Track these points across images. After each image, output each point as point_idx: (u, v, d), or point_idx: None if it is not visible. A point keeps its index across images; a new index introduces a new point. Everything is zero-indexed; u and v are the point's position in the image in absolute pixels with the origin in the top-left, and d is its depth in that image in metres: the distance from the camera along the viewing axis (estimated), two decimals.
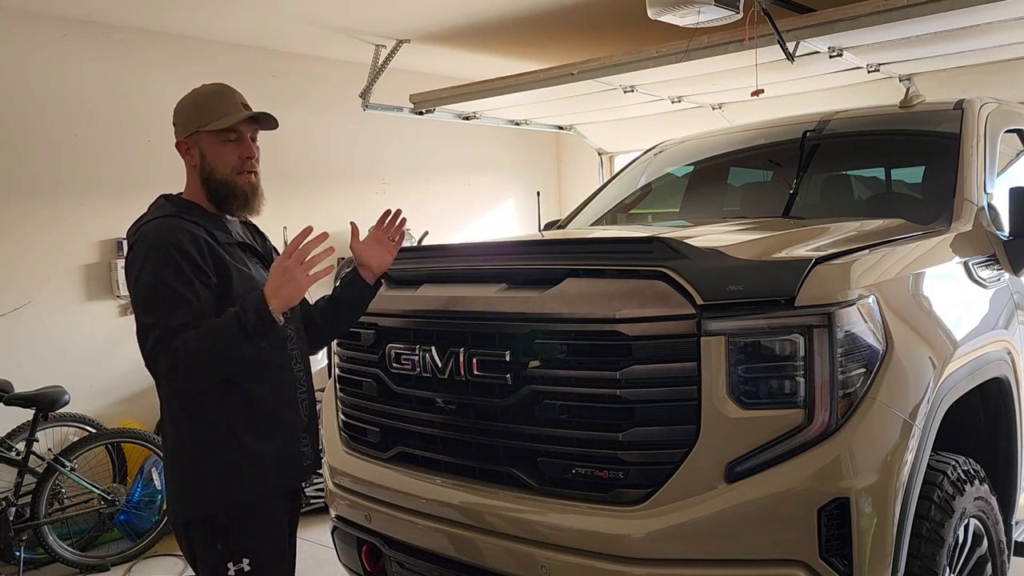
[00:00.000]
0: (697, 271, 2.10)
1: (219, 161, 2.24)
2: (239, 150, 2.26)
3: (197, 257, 2.08)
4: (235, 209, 2.27)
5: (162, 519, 4.55)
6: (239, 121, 2.25)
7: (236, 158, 2.25)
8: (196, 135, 2.25)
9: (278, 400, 2.24)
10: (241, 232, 2.34)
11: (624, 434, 2.12)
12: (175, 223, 2.14)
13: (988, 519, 2.41)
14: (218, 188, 2.24)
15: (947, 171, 3.02)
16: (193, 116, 2.27)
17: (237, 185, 2.25)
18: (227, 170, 2.24)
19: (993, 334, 2.60)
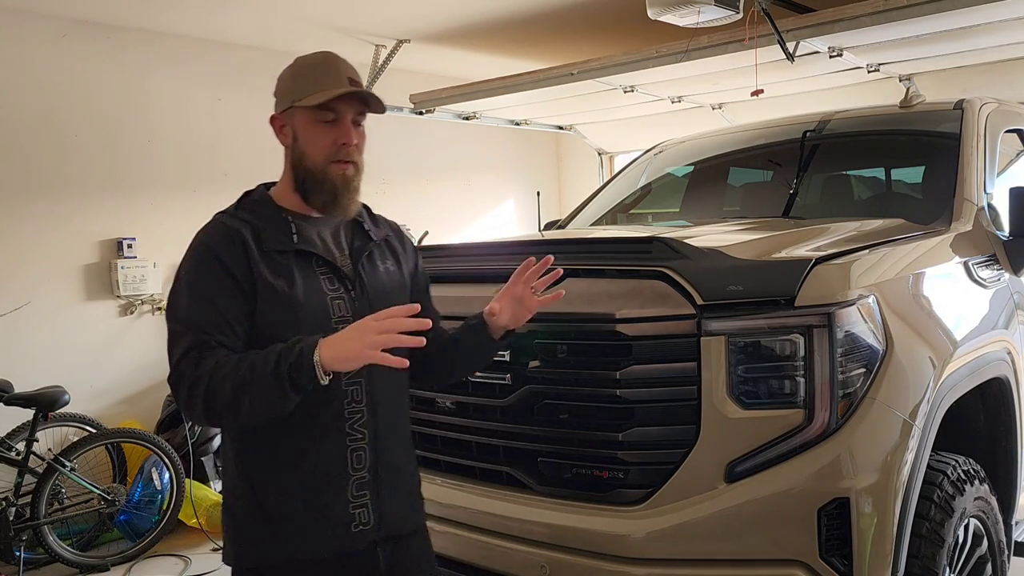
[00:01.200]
0: (697, 271, 2.10)
1: (311, 145, 1.84)
2: (334, 133, 1.84)
3: (228, 260, 1.75)
4: (321, 205, 1.86)
5: (162, 519, 4.55)
6: (337, 98, 1.81)
7: (330, 143, 1.83)
8: (291, 111, 1.87)
9: (314, 447, 1.80)
10: (327, 237, 1.89)
11: (624, 434, 2.12)
12: (219, 220, 1.85)
13: (988, 519, 2.41)
14: (306, 177, 1.85)
15: (947, 171, 3.02)
16: (290, 88, 1.88)
17: (327, 176, 1.83)
18: (320, 157, 1.84)
19: (993, 334, 2.60)
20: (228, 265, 1.75)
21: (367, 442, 1.83)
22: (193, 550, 4.59)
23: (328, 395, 1.74)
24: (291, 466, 1.78)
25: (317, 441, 1.78)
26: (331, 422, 1.79)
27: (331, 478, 1.80)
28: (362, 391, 1.83)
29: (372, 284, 1.87)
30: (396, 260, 1.99)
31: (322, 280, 1.82)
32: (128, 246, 5.08)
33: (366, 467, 1.83)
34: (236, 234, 1.79)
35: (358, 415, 1.82)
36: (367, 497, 1.83)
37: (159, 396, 5.21)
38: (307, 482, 1.78)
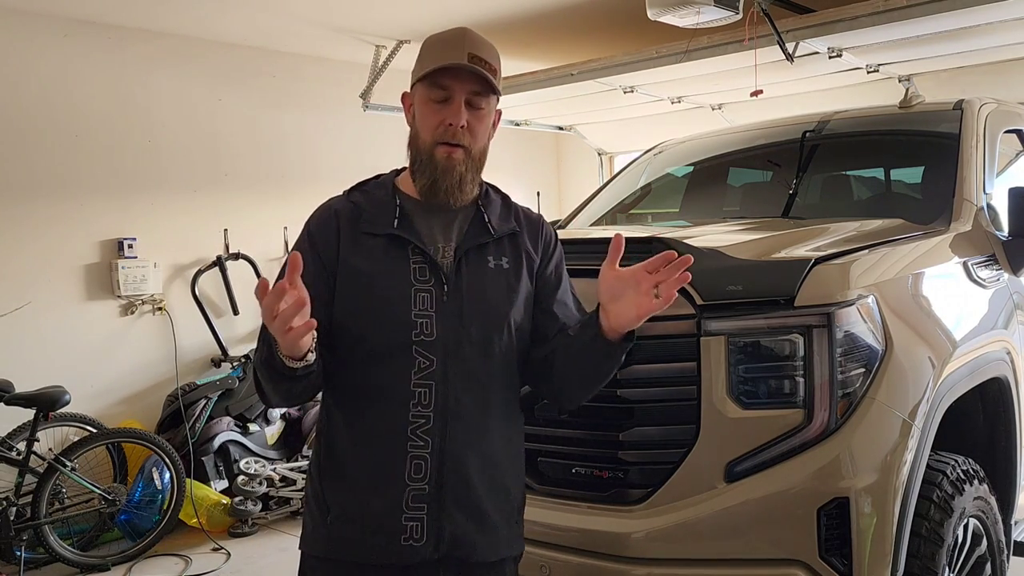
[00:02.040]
0: (697, 271, 2.09)
1: (423, 123, 1.73)
2: (444, 112, 1.69)
3: (319, 239, 1.72)
4: (420, 190, 1.74)
5: (162, 519, 4.56)
6: (447, 73, 1.67)
7: (438, 122, 1.70)
8: (414, 88, 1.76)
9: (370, 447, 1.69)
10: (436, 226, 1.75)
11: (624, 434, 2.13)
12: (331, 203, 1.81)
13: (987, 519, 2.41)
14: (415, 158, 1.75)
15: (946, 171, 3.02)
16: (418, 65, 1.75)
17: (432, 158, 1.71)
18: (427, 137, 1.71)
19: (992, 334, 2.60)
20: (317, 244, 1.72)
21: (430, 451, 1.66)
22: (193, 550, 4.59)
23: (392, 394, 1.66)
24: (346, 461, 1.71)
25: (374, 442, 1.68)
26: (392, 424, 1.66)
27: (385, 483, 1.67)
28: (431, 394, 1.66)
29: (471, 281, 1.72)
30: (516, 258, 1.79)
31: (413, 269, 1.69)
32: (129, 246, 5.08)
33: (426, 478, 1.66)
34: (333, 214, 1.76)
35: (422, 420, 1.66)
36: (423, 511, 1.66)
37: (159, 396, 5.21)
38: (360, 481, 1.69)
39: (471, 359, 1.69)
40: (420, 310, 1.66)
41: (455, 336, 1.68)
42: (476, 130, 1.72)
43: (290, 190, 5.84)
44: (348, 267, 1.69)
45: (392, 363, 1.66)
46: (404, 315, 1.66)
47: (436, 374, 1.66)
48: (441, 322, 1.67)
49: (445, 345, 1.67)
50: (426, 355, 1.66)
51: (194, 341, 5.42)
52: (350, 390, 1.71)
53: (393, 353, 1.66)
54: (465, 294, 1.70)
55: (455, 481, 1.68)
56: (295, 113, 5.88)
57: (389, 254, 1.70)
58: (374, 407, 1.67)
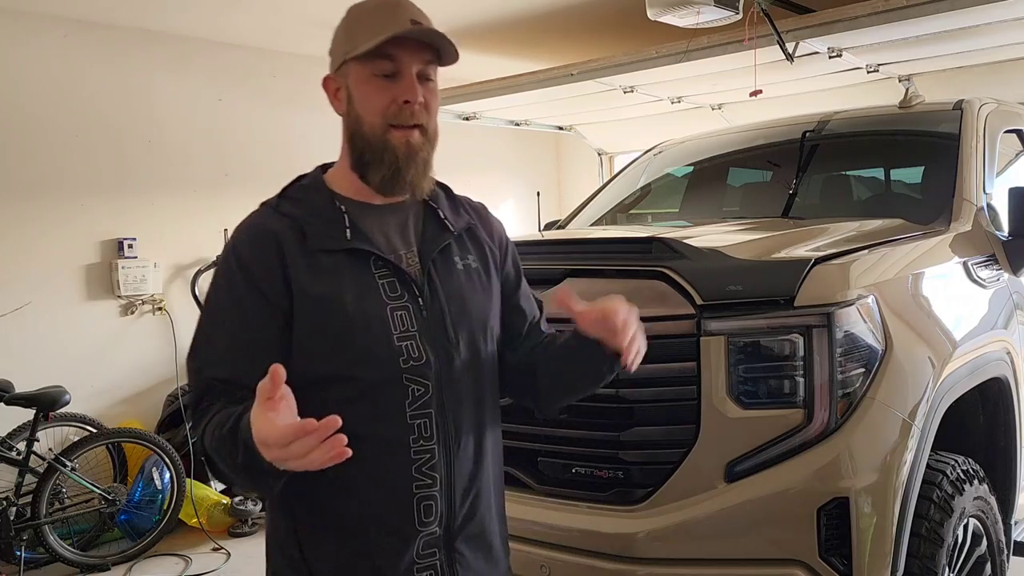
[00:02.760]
0: (697, 271, 2.10)
1: (366, 105, 1.45)
2: (394, 89, 1.44)
3: (254, 266, 1.40)
4: (380, 184, 1.47)
5: (163, 519, 4.56)
6: (394, 43, 1.41)
7: (389, 101, 1.44)
8: (344, 68, 1.48)
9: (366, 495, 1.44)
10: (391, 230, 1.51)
11: (624, 434, 2.13)
12: (254, 217, 1.48)
13: (987, 519, 2.42)
14: (364, 149, 1.46)
15: (946, 171, 3.02)
16: (342, 41, 1.50)
17: (387, 144, 1.44)
18: (377, 120, 1.44)
19: (992, 334, 2.60)
20: (257, 277, 1.39)
21: (439, 488, 1.45)
22: (194, 550, 4.59)
23: (387, 432, 1.41)
24: (335, 520, 1.44)
25: (373, 490, 1.43)
26: (392, 466, 1.43)
27: (392, 535, 1.44)
28: (431, 425, 1.44)
29: (447, 289, 1.49)
30: (481, 254, 1.59)
31: (381, 286, 1.44)
32: (129, 246, 5.08)
33: (436, 520, 1.46)
34: (269, 236, 1.42)
35: (427, 456, 1.44)
36: (436, 557, 1.47)
37: (160, 396, 5.21)
38: (358, 540, 1.44)
39: (463, 376, 1.49)
40: (402, 332, 1.43)
41: (445, 354, 1.46)
42: (432, 107, 1.48)
43: None
44: (307, 297, 1.39)
45: (381, 398, 1.41)
46: (386, 341, 1.41)
47: (432, 401, 1.44)
48: (427, 341, 1.44)
49: (437, 366, 1.45)
50: (419, 381, 1.43)
51: None
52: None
53: (381, 387, 1.41)
54: (445, 304, 1.48)
55: (465, 516, 1.50)
56: (295, 113, 5.88)
57: (353, 272, 1.42)
58: (367, 451, 1.35)
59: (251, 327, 1.39)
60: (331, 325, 1.40)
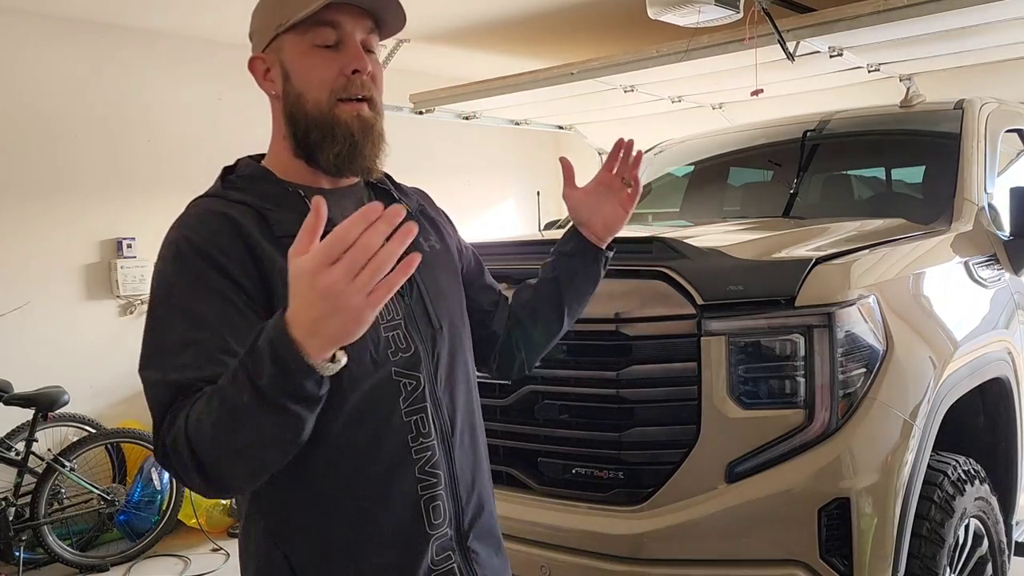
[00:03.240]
0: (697, 271, 2.10)
1: (309, 79, 1.31)
2: (339, 60, 1.31)
3: (220, 257, 1.22)
4: (335, 163, 1.33)
5: (162, 519, 4.55)
6: (331, 8, 1.28)
7: (336, 72, 1.31)
8: (276, 43, 1.33)
9: (367, 505, 1.30)
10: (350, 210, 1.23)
11: (624, 434, 2.12)
12: (208, 206, 1.32)
13: (988, 519, 2.41)
14: (309, 128, 1.32)
15: (947, 171, 3.02)
16: (270, 13, 1.33)
17: (338, 120, 1.31)
18: (323, 94, 1.31)
19: (993, 334, 2.60)
20: (222, 264, 1.22)
21: (443, 487, 1.35)
22: (193, 550, 4.59)
23: (384, 434, 1.29)
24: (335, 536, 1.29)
25: (381, 500, 1.29)
26: (394, 469, 1.30)
27: (404, 544, 1.31)
28: (427, 420, 1.33)
29: (421, 272, 1.30)
30: (439, 234, 1.50)
31: None
32: (128, 246, 5.08)
33: (446, 520, 1.35)
34: (226, 220, 1.26)
35: (428, 454, 1.33)
36: (452, 560, 1.36)
37: None
38: (364, 556, 1.30)
39: (449, 363, 1.39)
40: (388, 322, 1.30)
41: (432, 342, 1.35)
42: (378, 78, 1.37)
43: None
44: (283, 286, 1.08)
45: (373, 397, 1.27)
46: (374, 333, 1.27)
47: (425, 394, 1.33)
48: (412, 329, 1.33)
49: (425, 356, 1.34)
50: (409, 375, 1.31)
51: None
52: (320, 448, 1.22)
53: (373, 384, 1.27)
54: (423, 288, 1.37)
55: (473, 512, 1.40)
56: None
57: None
58: (363, 457, 1.27)
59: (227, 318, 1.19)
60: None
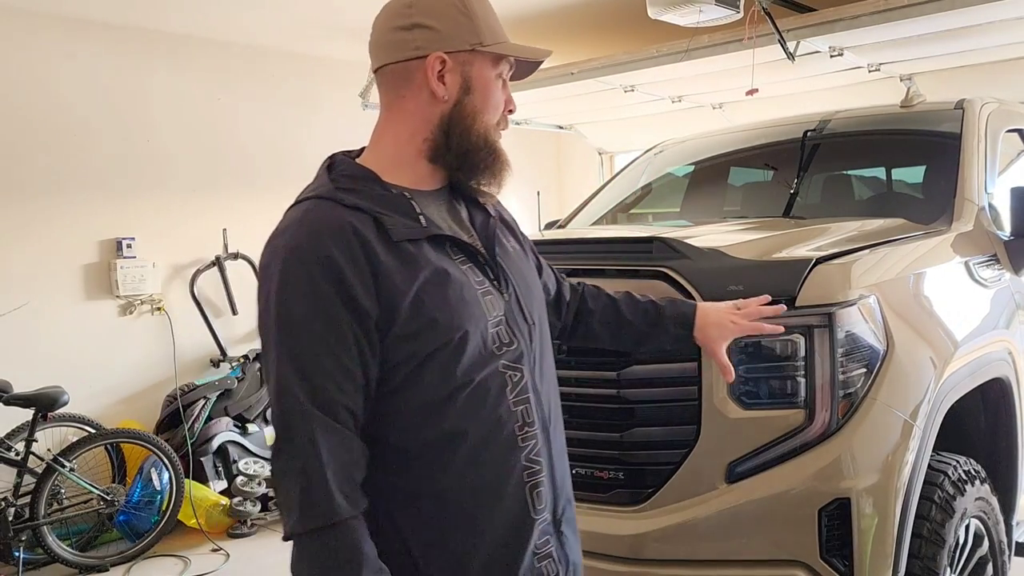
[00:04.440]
0: (697, 271, 2.10)
1: (489, 103, 1.41)
2: (504, 94, 1.45)
3: (349, 272, 1.25)
4: (481, 183, 1.44)
5: (161, 519, 4.55)
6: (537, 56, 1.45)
7: (502, 106, 1.45)
8: (470, 55, 1.39)
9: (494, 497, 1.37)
10: (446, 215, 1.43)
11: (624, 434, 2.12)
12: (329, 215, 1.31)
13: (989, 519, 2.41)
14: (473, 145, 1.40)
15: (948, 171, 3.01)
16: (467, 24, 1.39)
17: (495, 147, 1.43)
18: (492, 119, 1.43)
19: (994, 334, 2.59)
20: (348, 283, 1.25)
21: (544, 473, 1.42)
22: (192, 550, 4.58)
23: (496, 423, 1.36)
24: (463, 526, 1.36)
25: (493, 487, 1.36)
26: (506, 457, 1.37)
27: (516, 528, 1.38)
28: (531, 410, 1.40)
29: (511, 269, 1.46)
30: (515, 236, 1.58)
31: (465, 272, 1.37)
32: (127, 246, 5.08)
33: (546, 505, 1.42)
34: (349, 231, 1.28)
35: (533, 442, 1.40)
36: (550, 545, 1.42)
37: (158, 396, 5.20)
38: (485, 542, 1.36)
39: (541, 357, 1.47)
40: (494, 317, 1.38)
41: (528, 336, 1.43)
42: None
43: (290, 190, 5.74)
44: (401, 293, 1.27)
45: (484, 390, 1.34)
46: (484, 329, 1.35)
47: (528, 386, 1.40)
48: (512, 324, 1.40)
49: (524, 349, 1.41)
50: (514, 367, 1.38)
51: (193, 341, 5.41)
52: (435, 439, 1.33)
53: (483, 377, 1.34)
54: (515, 285, 1.45)
55: (565, 499, 1.48)
56: (295, 113, 5.87)
57: (438, 261, 1.33)
58: (476, 447, 1.34)
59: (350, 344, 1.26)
60: (433, 321, 1.29)
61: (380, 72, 1.44)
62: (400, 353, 1.29)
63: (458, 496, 1.35)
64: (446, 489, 1.34)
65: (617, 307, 1.81)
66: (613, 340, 1.83)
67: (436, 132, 1.39)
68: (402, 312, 1.27)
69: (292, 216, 1.35)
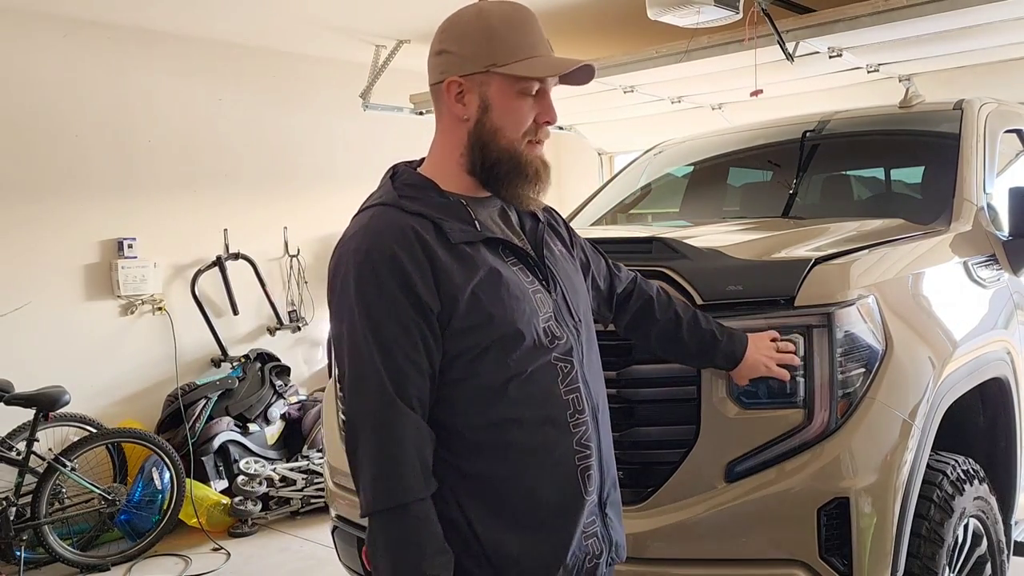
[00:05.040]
0: (697, 271, 2.10)
1: (509, 120, 1.49)
2: (536, 108, 1.52)
3: (414, 273, 1.39)
4: (514, 193, 1.53)
5: (162, 519, 4.56)
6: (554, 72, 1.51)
7: (530, 119, 1.52)
8: (485, 75, 1.48)
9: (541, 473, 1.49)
10: (499, 221, 1.56)
11: (624, 434, 2.12)
12: (387, 215, 1.45)
13: (988, 519, 2.41)
14: (498, 159, 1.50)
15: (947, 171, 3.02)
16: (484, 47, 1.48)
17: (526, 158, 1.51)
18: (516, 134, 1.50)
19: (993, 334, 2.60)
20: (413, 283, 1.38)
21: (594, 458, 1.54)
22: (193, 550, 4.59)
23: (551, 410, 1.48)
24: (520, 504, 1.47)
25: (548, 469, 1.49)
26: (560, 441, 1.49)
27: (567, 509, 1.50)
28: (581, 399, 1.53)
29: (559, 271, 1.59)
30: (562, 241, 1.70)
31: (516, 272, 1.50)
32: (128, 246, 5.08)
33: (596, 488, 1.55)
34: (412, 235, 1.41)
35: (584, 428, 1.53)
36: (596, 525, 1.56)
37: (159, 396, 5.21)
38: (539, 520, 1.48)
39: (588, 351, 1.59)
40: (545, 315, 1.50)
41: (575, 332, 1.55)
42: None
43: (290, 190, 5.85)
44: (461, 292, 1.40)
45: (538, 380, 1.47)
46: (536, 324, 1.48)
47: (578, 376, 1.53)
48: (560, 320, 1.52)
49: (573, 343, 1.53)
50: (564, 359, 1.51)
51: (194, 341, 5.42)
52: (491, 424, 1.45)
53: (535, 368, 1.47)
54: (562, 284, 1.57)
55: (611, 482, 1.61)
56: (295, 113, 5.88)
57: (492, 262, 1.46)
58: (533, 433, 1.47)
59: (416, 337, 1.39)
60: (489, 316, 1.42)
61: (430, 91, 1.57)
62: (459, 345, 1.43)
63: (515, 477, 1.46)
64: (504, 470, 1.46)
65: (679, 325, 1.92)
66: (660, 349, 1.97)
67: (468, 148, 1.52)
68: (460, 307, 1.41)
69: (359, 222, 1.47)
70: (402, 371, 1.38)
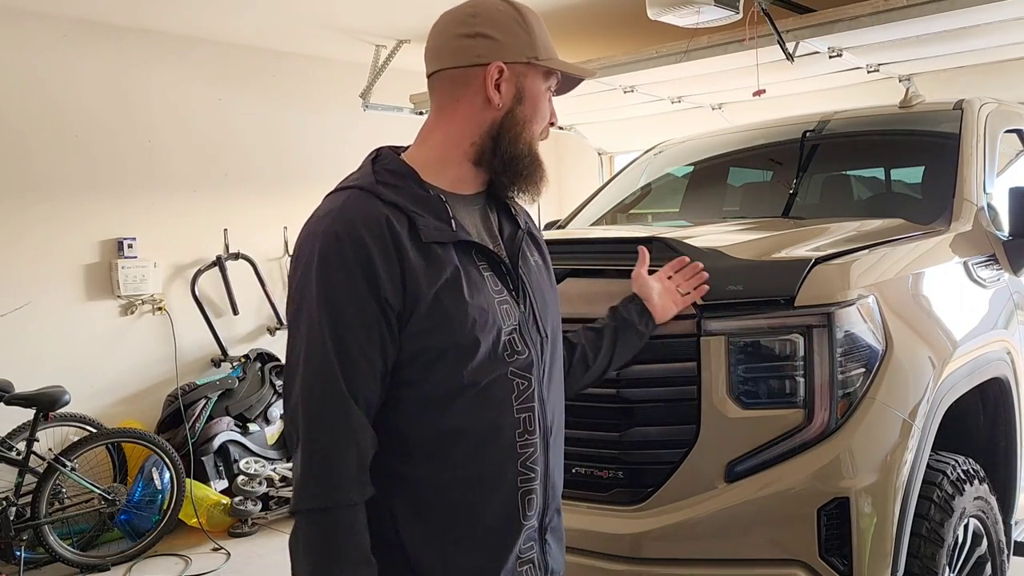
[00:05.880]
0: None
1: (537, 114, 1.49)
2: (550, 108, 1.55)
3: (380, 265, 1.31)
4: (517, 188, 1.50)
5: (162, 519, 4.56)
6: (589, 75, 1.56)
7: (549, 116, 1.55)
8: (526, 67, 1.46)
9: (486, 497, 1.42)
10: (478, 221, 1.49)
11: (624, 434, 2.13)
12: (359, 199, 1.37)
13: (988, 519, 2.41)
14: (519, 152, 1.46)
15: (947, 171, 3.02)
16: (525, 38, 1.46)
17: (538, 158, 1.50)
18: (538, 129, 1.51)
19: (993, 334, 2.60)
20: (377, 274, 1.31)
21: (539, 481, 1.46)
22: (193, 550, 4.59)
23: (497, 427, 1.41)
24: (452, 519, 1.40)
25: (487, 486, 1.41)
26: (503, 460, 1.42)
27: (503, 531, 1.43)
28: (534, 419, 1.45)
29: (531, 282, 1.51)
30: (540, 252, 1.62)
31: (486, 279, 1.43)
32: (128, 246, 5.08)
33: (536, 513, 1.47)
34: (383, 225, 1.33)
35: (530, 450, 1.44)
36: (533, 551, 1.48)
37: (159, 396, 5.21)
38: (471, 538, 1.41)
39: (551, 369, 1.52)
40: (508, 326, 1.42)
41: (539, 348, 1.47)
42: None
43: (290, 190, 5.84)
44: (423, 293, 1.33)
45: (490, 393, 1.39)
46: (497, 336, 1.40)
47: (534, 395, 1.45)
48: (525, 335, 1.45)
49: (535, 360, 1.46)
50: (522, 375, 1.43)
51: (194, 341, 5.42)
52: (436, 434, 1.38)
53: (490, 381, 1.39)
54: (533, 298, 1.50)
55: (553, 508, 1.53)
56: (295, 113, 5.88)
57: (462, 265, 1.38)
58: (476, 446, 1.39)
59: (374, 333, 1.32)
60: (448, 320, 1.35)
61: (437, 76, 1.48)
62: (415, 346, 1.35)
63: (453, 491, 1.40)
64: (442, 483, 1.39)
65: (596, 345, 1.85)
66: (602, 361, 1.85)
67: (485, 137, 1.45)
68: (422, 308, 1.33)
69: (331, 203, 1.39)
70: (355, 365, 1.30)
